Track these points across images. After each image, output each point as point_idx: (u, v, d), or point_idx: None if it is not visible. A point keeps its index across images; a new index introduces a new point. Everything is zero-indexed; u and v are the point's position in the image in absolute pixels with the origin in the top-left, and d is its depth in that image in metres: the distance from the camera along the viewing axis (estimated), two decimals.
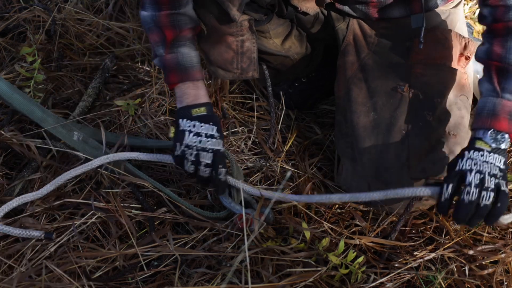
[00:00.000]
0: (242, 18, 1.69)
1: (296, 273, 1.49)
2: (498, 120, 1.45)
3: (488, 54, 1.50)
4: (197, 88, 1.64)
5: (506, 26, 1.47)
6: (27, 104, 1.82)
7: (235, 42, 1.73)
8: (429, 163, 1.63)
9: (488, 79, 1.50)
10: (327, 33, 1.92)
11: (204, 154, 1.57)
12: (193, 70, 1.63)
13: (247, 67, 1.76)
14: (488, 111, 1.47)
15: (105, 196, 1.70)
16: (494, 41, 1.49)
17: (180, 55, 1.63)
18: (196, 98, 1.63)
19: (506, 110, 1.46)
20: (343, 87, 1.77)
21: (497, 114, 1.46)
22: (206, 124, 1.60)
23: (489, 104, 1.47)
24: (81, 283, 1.47)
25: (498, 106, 1.46)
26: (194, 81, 1.63)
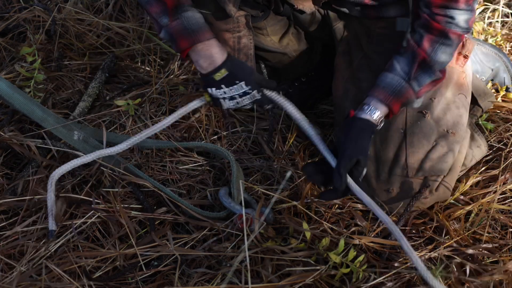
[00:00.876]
0: (238, 14, 1.69)
1: (296, 272, 1.49)
2: (397, 101, 1.55)
3: (419, 43, 1.53)
4: (210, 47, 1.57)
5: (442, 30, 1.50)
6: (28, 104, 1.82)
7: (232, 39, 1.73)
8: (428, 161, 1.63)
9: (408, 62, 1.55)
10: (325, 32, 1.92)
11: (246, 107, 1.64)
12: (201, 31, 1.57)
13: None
14: (394, 89, 1.54)
15: (105, 195, 1.70)
16: (425, 36, 1.53)
17: (185, 19, 1.56)
18: (212, 60, 1.57)
19: (405, 97, 1.56)
20: (341, 86, 1.78)
21: (399, 96, 1.55)
22: (233, 85, 1.58)
23: (397, 84, 1.55)
24: (81, 283, 1.47)
25: (403, 90, 1.55)
26: (205, 42, 1.57)
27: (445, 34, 1.51)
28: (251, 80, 1.59)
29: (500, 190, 1.69)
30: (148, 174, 1.80)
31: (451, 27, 1.50)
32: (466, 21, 1.50)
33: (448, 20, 1.49)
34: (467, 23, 1.50)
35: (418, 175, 1.64)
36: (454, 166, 1.68)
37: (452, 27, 1.50)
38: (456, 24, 1.49)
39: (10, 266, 1.56)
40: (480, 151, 1.81)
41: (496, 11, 2.41)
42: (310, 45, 1.99)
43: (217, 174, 1.85)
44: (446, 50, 1.53)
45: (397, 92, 1.54)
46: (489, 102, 1.89)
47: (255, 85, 1.60)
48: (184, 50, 1.58)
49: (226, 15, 1.65)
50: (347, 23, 1.80)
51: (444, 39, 1.52)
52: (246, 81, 1.58)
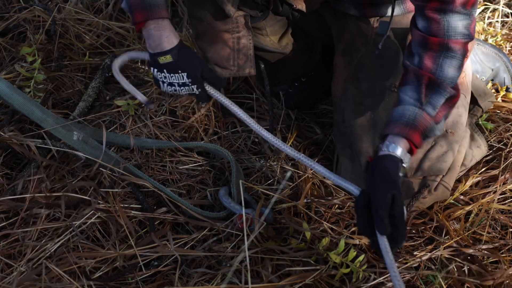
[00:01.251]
0: (237, 14, 1.69)
1: (296, 272, 1.49)
2: (415, 131, 1.43)
3: (420, 65, 1.46)
4: (161, 29, 1.55)
5: (441, 42, 1.43)
6: (27, 104, 1.82)
7: (231, 39, 1.73)
8: (427, 161, 1.63)
9: (415, 88, 1.46)
10: (324, 32, 1.92)
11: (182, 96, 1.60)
12: (157, 7, 1.54)
13: (244, 64, 1.76)
14: (408, 118, 1.43)
15: (105, 196, 1.70)
16: (425, 55, 1.45)
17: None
18: (160, 42, 1.55)
19: (423, 124, 1.44)
20: (340, 86, 1.78)
21: (416, 125, 1.43)
22: (175, 73, 1.56)
23: (410, 113, 1.44)
24: (81, 283, 1.47)
25: (418, 117, 1.44)
26: (158, 20, 1.54)
27: (446, 45, 1.44)
28: (195, 74, 1.56)
29: (500, 190, 1.69)
30: (148, 174, 1.80)
31: (450, 36, 1.43)
32: (466, 27, 1.43)
33: (445, 29, 1.42)
34: (467, 29, 1.44)
35: (417, 175, 1.64)
36: (453, 165, 1.68)
37: (451, 36, 1.43)
38: (455, 31, 1.43)
39: (10, 266, 1.57)
40: (480, 151, 1.81)
41: (496, 11, 2.41)
42: (309, 45, 1.99)
43: (217, 174, 1.85)
44: (452, 63, 1.45)
45: (412, 121, 1.43)
46: (489, 102, 1.89)
47: (197, 80, 1.56)
48: (138, 23, 1.56)
49: (225, 15, 1.65)
50: (346, 22, 1.80)
51: (446, 51, 1.44)
52: (188, 74, 1.56)
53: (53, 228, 1.66)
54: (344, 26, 1.80)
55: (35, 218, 1.69)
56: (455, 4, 1.40)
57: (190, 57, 1.58)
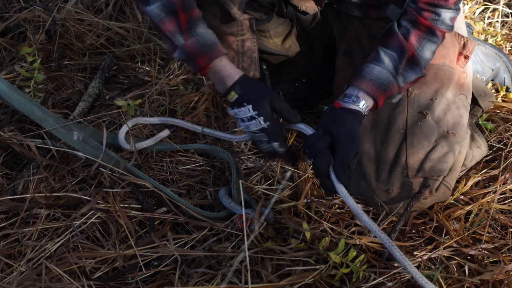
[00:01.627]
0: (242, 17, 1.69)
1: (296, 272, 1.49)
2: (383, 96, 1.54)
3: (406, 38, 1.55)
4: (222, 69, 1.57)
5: (429, 26, 1.53)
6: (27, 104, 1.82)
7: (235, 42, 1.73)
8: (428, 162, 1.63)
9: (396, 56, 1.55)
10: (326, 33, 1.92)
11: (257, 136, 1.56)
12: (217, 46, 1.57)
13: (248, 66, 1.76)
14: (382, 82, 1.54)
15: (105, 196, 1.70)
16: (413, 31, 1.54)
17: (200, 36, 1.56)
18: (224, 82, 1.57)
19: (390, 92, 1.56)
20: (341, 87, 1.77)
21: (386, 90, 1.54)
22: (242, 107, 1.54)
23: (385, 79, 1.54)
24: (81, 283, 1.47)
25: (390, 85, 1.55)
26: (220, 58, 1.57)
27: (433, 31, 1.54)
28: (261, 105, 1.53)
29: (500, 190, 1.69)
30: (148, 174, 1.81)
31: (437, 24, 1.53)
32: (451, 19, 1.55)
33: (434, 18, 1.52)
34: (451, 21, 1.55)
35: (418, 175, 1.64)
36: (454, 166, 1.68)
37: (438, 24, 1.53)
38: (442, 22, 1.53)
39: (10, 266, 1.57)
40: (480, 151, 1.82)
41: (496, 11, 2.41)
42: (311, 46, 1.99)
43: (217, 174, 1.85)
44: (432, 47, 1.56)
45: (384, 87, 1.54)
46: (490, 102, 1.89)
47: (264, 111, 1.54)
48: (203, 68, 1.58)
49: (230, 18, 1.65)
50: (348, 23, 1.80)
51: (431, 35, 1.54)
52: (254, 105, 1.54)
53: (53, 228, 1.66)
54: (347, 27, 1.80)
55: (35, 218, 1.69)
56: (448, 3, 1.51)
57: (253, 88, 1.57)
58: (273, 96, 1.55)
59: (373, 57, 1.57)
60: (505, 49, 2.23)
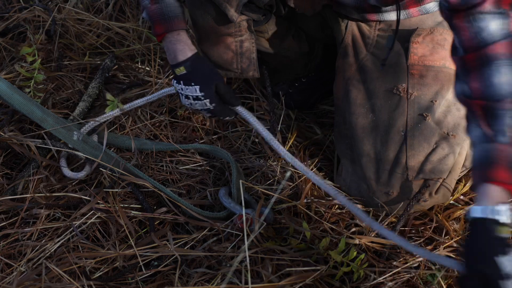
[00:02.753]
0: (240, 19, 1.69)
1: (296, 272, 1.49)
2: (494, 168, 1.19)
3: (466, 92, 1.28)
4: (177, 42, 1.63)
5: (478, 55, 1.23)
6: (27, 104, 1.82)
7: (234, 43, 1.73)
8: (428, 164, 1.63)
9: (475, 123, 1.26)
10: (326, 34, 1.92)
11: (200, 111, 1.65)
12: (176, 19, 1.62)
13: (247, 67, 1.76)
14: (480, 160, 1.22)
15: (105, 196, 1.70)
16: (469, 78, 1.25)
17: (164, 4, 1.62)
18: (176, 54, 1.63)
19: (503, 156, 1.20)
20: (341, 88, 1.78)
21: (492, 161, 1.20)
22: (189, 86, 1.61)
23: (481, 153, 1.23)
24: (81, 283, 1.47)
25: (492, 152, 1.21)
26: (178, 31, 1.62)
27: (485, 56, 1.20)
28: (208, 88, 1.60)
29: None
30: (148, 174, 1.81)
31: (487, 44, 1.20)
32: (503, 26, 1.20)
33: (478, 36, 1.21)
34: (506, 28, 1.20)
35: (418, 177, 1.63)
36: (454, 168, 1.68)
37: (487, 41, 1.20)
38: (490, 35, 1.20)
39: (10, 266, 1.57)
40: None
41: None
42: (311, 46, 1.99)
43: (217, 174, 1.85)
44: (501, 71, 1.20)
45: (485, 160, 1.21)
46: None
47: (210, 94, 1.60)
48: (159, 35, 1.64)
49: (227, 20, 1.65)
50: (348, 25, 1.80)
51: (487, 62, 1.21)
52: (201, 87, 1.60)
53: (53, 228, 1.66)
54: (346, 29, 1.80)
55: (35, 218, 1.69)
56: (484, 5, 1.20)
57: (205, 70, 1.62)
58: (219, 80, 1.62)
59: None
60: None
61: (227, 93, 1.64)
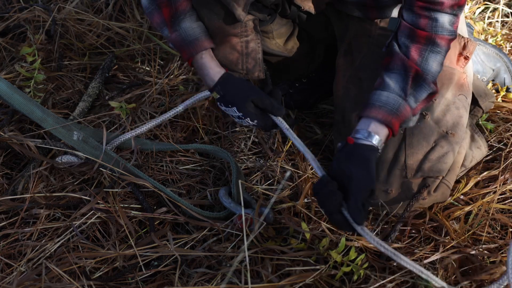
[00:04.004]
0: (247, 18, 1.69)
1: (296, 272, 1.49)
2: (397, 120, 1.48)
3: (406, 55, 1.50)
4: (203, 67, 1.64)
5: (428, 36, 1.48)
6: (27, 104, 1.82)
7: (239, 43, 1.72)
8: (427, 162, 1.63)
9: (402, 78, 1.50)
10: (328, 33, 1.92)
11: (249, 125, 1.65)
12: (196, 41, 1.63)
13: (253, 68, 1.76)
14: (392, 107, 1.48)
15: (105, 196, 1.70)
16: (412, 46, 1.50)
17: (183, 31, 1.63)
18: (206, 80, 1.66)
19: (404, 115, 1.49)
20: (341, 86, 1.78)
21: (398, 115, 1.48)
22: (227, 107, 1.63)
23: (394, 102, 1.48)
24: (81, 283, 1.47)
25: (401, 108, 1.48)
26: (200, 54, 1.63)
27: (433, 40, 1.48)
28: (244, 107, 1.60)
29: (500, 190, 1.69)
30: (148, 174, 1.80)
31: (437, 31, 1.48)
32: (451, 24, 1.48)
33: (432, 24, 1.47)
34: (452, 25, 1.49)
35: (417, 175, 1.64)
36: (453, 167, 1.68)
37: (438, 31, 1.48)
38: (442, 27, 1.47)
39: (10, 266, 1.57)
40: (480, 152, 1.81)
41: (496, 11, 2.41)
42: (313, 47, 1.99)
43: (217, 174, 1.85)
44: (437, 58, 1.50)
45: (395, 111, 1.48)
46: (490, 102, 1.89)
47: (248, 112, 1.60)
48: (188, 61, 1.66)
49: (234, 19, 1.65)
50: (349, 23, 1.80)
51: (432, 46, 1.49)
52: (238, 107, 1.60)
53: (53, 228, 1.66)
54: (348, 26, 1.80)
55: (35, 218, 1.69)
56: (443, 6, 1.45)
57: (236, 90, 1.62)
58: (254, 95, 1.60)
59: (379, 83, 1.53)
60: (505, 49, 2.23)
61: (268, 105, 1.61)
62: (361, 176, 1.40)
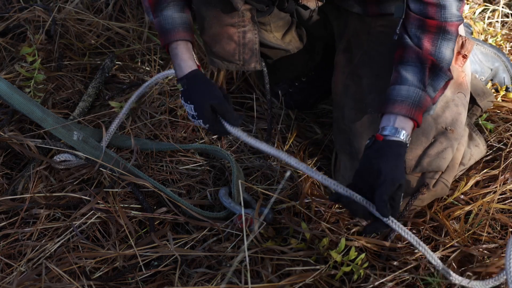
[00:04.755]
0: (244, 8, 1.68)
1: (296, 272, 1.49)
2: (420, 112, 1.51)
3: (420, 47, 1.52)
4: (176, 56, 1.63)
5: (439, 25, 1.50)
6: (27, 104, 1.83)
7: (236, 33, 1.72)
8: (426, 158, 1.63)
9: (418, 70, 1.52)
10: (327, 32, 1.92)
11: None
12: (173, 31, 1.63)
13: (249, 58, 1.76)
14: (414, 100, 1.50)
15: (105, 196, 1.70)
16: (424, 37, 1.51)
17: (162, 18, 1.64)
18: (176, 69, 1.64)
19: (425, 106, 1.52)
20: (340, 83, 1.78)
21: (421, 107, 1.51)
22: (186, 103, 1.61)
23: (415, 95, 1.50)
24: (81, 283, 1.47)
25: (422, 99, 1.51)
26: (176, 43, 1.62)
27: (443, 28, 1.50)
28: (201, 108, 1.57)
29: (500, 190, 1.69)
30: (148, 174, 1.81)
31: (446, 18, 1.49)
32: (458, 8, 1.50)
33: (441, 11, 1.48)
34: (459, 10, 1.51)
35: (416, 171, 1.64)
36: (452, 163, 1.68)
37: (447, 17, 1.49)
38: (450, 13, 1.49)
39: (10, 266, 1.57)
40: (479, 150, 1.81)
41: (496, 11, 2.41)
42: (311, 44, 1.99)
43: (217, 174, 1.85)
44: (449, 45, 1.52)
45: (417, 103, 1.50)
46: (489, 102, 1.89)
47: (203, 115, 1.57)
48: (164, 47, 1.66)
49: (232, 8, 1.65)
50: (348, 20, 1.80)
51: (443, 34, 1.51)
52: (195, 107, 1.59)
53: (53, 228, 1.66)
54: (347, 23, 1.80)
55: (35, 218, 1.69)
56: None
57: (200, 89, 1.60)
58: (215, 100, 1.57)
59: (395, 78, 1.54)
60: (505, 49, 2.23)
61: (226, 113, 1.57)
62: (389, 170, 1.42)
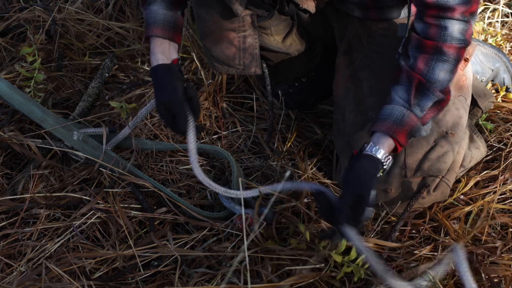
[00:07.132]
0: (244, 13, 1.69)
1: (296, 272, 1.49)
2: (401, 130, 1.50)
3: (413, 67, 1.51)
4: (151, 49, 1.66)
5: (435, 46, 1.48)
6: (27, 104, 1.83)
7: (237, 38, 1.73)
8: (427, 162, 1.63)
9: (406, 89, 1.52)
10: (327, 33, 1.92)
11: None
12: (152, 26, 1.65)
13: (250, 63, 1.76)
14: (396, 118, 1.50)
15: (105, 196, 1.70)
16: (419, 57, 1.51)
17: (148, 11, 1.66)
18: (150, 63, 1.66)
19: (410, 124, 1.51)
20: (341, 86, 1.78)
21: (403, 124, 1.50)
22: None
23: (398, 113, 1.51)
24: (81, 283, 1.47)
25: (406, 118, 1.50)
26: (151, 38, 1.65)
27: (440, 49, 1.48)
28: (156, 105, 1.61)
29: (500, 190, 1.69)
30: (148, 174, 1.80)
31: (445, 40, 1.47)
32: (461, 32, 1.47)
33: (441, 33, 1.47)
34: (463, 34, 1.47)
35: (417, 175, 1.64)
36: (453, 166, 1.68)
37: (446, 39, 1.47)
38: (450, 36, 1.47)
39: (10, 266, 1.57)
40: (479, 152, 1.81)
41: (496, 11, 2.41)
42: (311, 46, 1.99)
43: (217, 174, 1.85)
44: (444, 66, 1.50)
45: (399, 121, 1.50)
46: (490, 103, 1.89)
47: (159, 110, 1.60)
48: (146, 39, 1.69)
49: (232, 14, 1.65)
50: (349, 23, 1.80)
51: (439, 55, 1.49)
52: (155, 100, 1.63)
53: (53, 228, 1.66)
54: (347, 26, 1.80)
55: (35, 218, 1.69)
56: (454, 12, 1.45)
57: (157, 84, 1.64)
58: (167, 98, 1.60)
59: (387, 99, 1.56)
60: (505, 49, 2.23)
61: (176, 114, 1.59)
62: (350, 182, 1.46)
